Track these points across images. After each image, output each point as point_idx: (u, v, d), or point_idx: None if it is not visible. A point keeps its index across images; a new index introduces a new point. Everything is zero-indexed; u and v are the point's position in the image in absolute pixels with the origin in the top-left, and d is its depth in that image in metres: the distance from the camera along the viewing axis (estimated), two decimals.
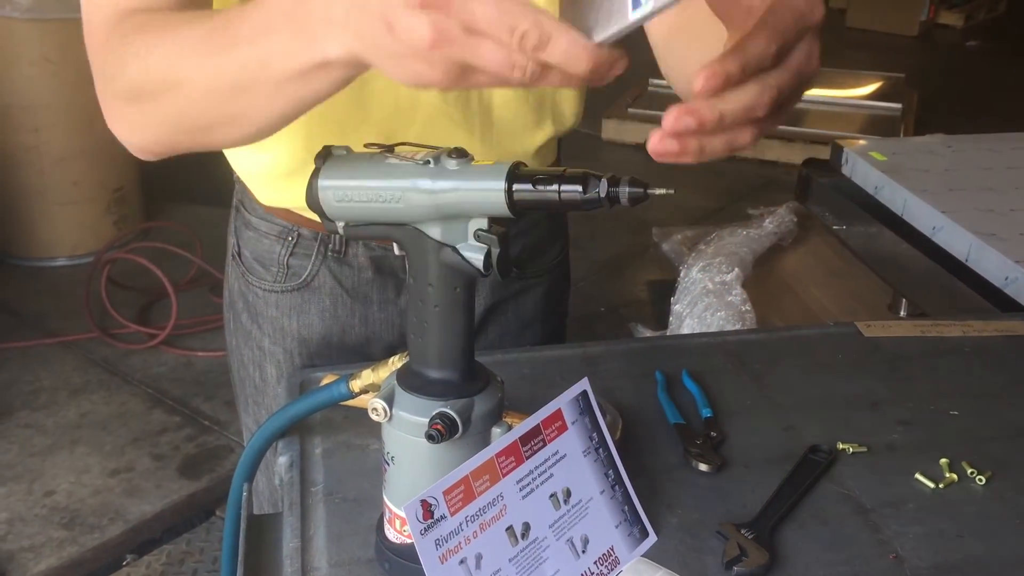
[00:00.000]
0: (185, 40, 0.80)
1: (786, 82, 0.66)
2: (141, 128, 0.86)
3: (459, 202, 0.73)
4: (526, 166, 0.73)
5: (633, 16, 0.65)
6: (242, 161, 1.14)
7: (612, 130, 5.07)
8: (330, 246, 1.15)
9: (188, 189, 3.99)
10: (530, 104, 1.11)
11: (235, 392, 1.32)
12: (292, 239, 1.15)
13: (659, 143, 0.64)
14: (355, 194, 0.77)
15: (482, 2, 0.65)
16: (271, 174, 1.11)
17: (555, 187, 0.71)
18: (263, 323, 1.20)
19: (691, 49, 0.92)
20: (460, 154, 0.74)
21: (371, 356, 1.18)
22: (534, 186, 0.71)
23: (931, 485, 0.98)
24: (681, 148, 0.64)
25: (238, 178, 1.19)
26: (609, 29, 0.66)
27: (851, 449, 1.02)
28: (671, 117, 0.63)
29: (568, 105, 1.15)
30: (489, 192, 0.72)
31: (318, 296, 1.17)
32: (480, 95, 1.07)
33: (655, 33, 1.02)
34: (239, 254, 1.21)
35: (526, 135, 1.13)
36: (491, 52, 0.65)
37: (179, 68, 0.79)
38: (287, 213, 1.14)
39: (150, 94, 0.82)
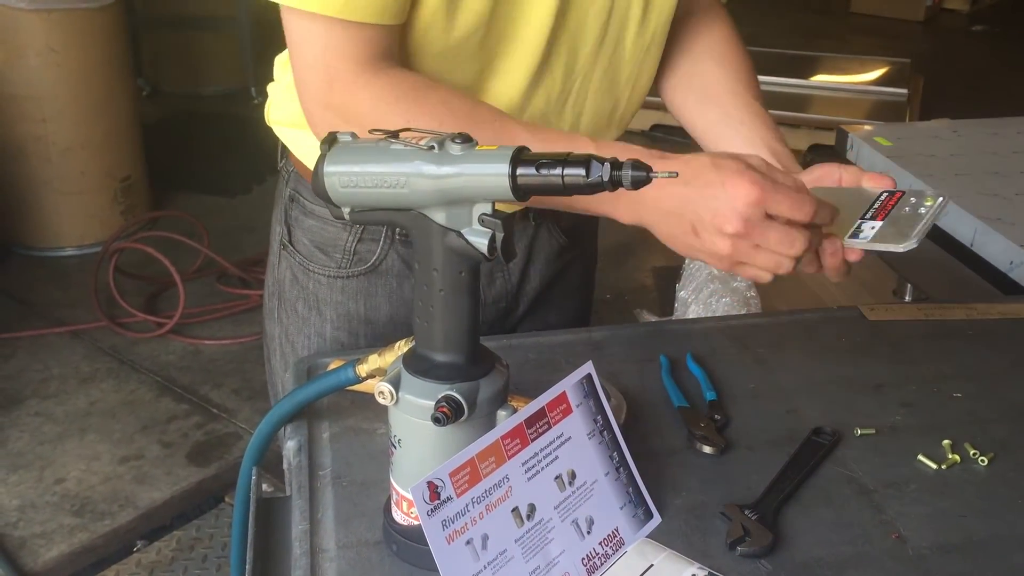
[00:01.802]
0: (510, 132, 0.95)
1: None
2: None
3: (463, 187, 0.74)
4: (529, 150, 0.73)
5: (900, 249, 0.94)
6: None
7: None
8: (398, 229, 1.16)
9: (195, 178, 4.01)
10: (610, 116, 1.17)
11: (271, 379, 1.32)
12: (359, 226, 1.16)
13: None
14: (360, 180, 0.78)
15: (775, 229, 0.89)
16: None
17: (558, 171, 0.72)
18: (324, 309, 1.21)
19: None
20: (464, 139, 0.74)
21: None
22: (537, 170, 0.72)
23: (934, 466, 0.98)
24: None
25: (295, 170, 1.19)
26: (873, 246, 0.96)
27: (859, 431, 1.02)
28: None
29: (630, 113, 1.20)
30: (493, 176, 0.73)
31: (385, 279, 1.18)
32: (575, 105, 1.12)
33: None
34: (291, 242, 1.21)
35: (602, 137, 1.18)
36: (766, 259, 0.91)
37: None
38: None
39: None
